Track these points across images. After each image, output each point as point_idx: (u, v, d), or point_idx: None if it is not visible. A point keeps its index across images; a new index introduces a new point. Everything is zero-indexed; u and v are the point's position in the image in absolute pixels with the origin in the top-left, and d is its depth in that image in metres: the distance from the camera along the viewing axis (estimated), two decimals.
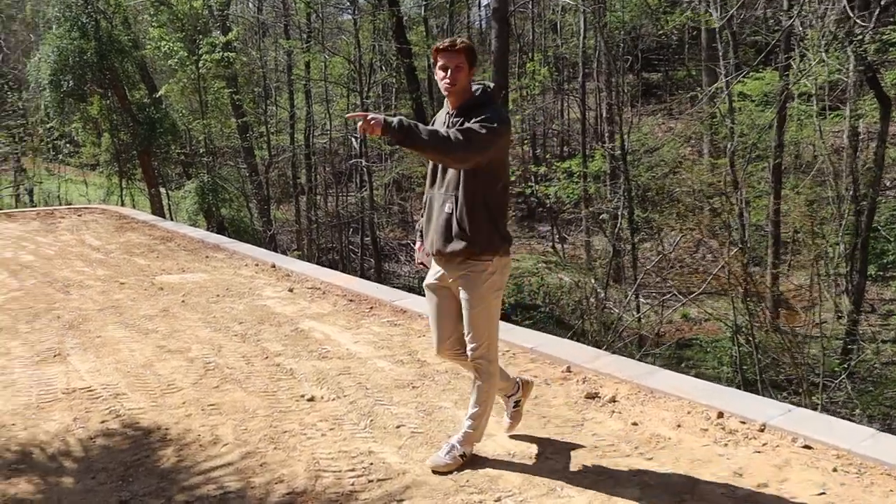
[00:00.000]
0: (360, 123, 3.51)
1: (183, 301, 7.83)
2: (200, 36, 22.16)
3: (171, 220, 16.88)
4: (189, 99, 23.72)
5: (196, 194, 21.69)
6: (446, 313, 4.07)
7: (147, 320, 7.12)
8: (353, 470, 4.08)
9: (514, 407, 4.42)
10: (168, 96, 23.41)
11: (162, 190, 24.23)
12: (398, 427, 4.65)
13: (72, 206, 16.88)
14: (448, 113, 3.93)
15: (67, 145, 24.18)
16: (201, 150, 24.41)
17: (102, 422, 4.79)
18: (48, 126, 23.74)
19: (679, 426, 4.54)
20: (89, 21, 21.96)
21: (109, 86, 22.98)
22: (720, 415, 4.62)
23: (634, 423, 4.59)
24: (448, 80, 3.79)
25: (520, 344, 6.09)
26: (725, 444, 4.28)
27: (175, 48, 21.79)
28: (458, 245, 3.83)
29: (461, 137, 3.61)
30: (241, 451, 4.36)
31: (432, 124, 4.01)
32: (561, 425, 4.62)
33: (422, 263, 4.28)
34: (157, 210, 22.59)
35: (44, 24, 23.55)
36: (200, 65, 21.67)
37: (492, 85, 3.96)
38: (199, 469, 4.16)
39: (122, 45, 22.84)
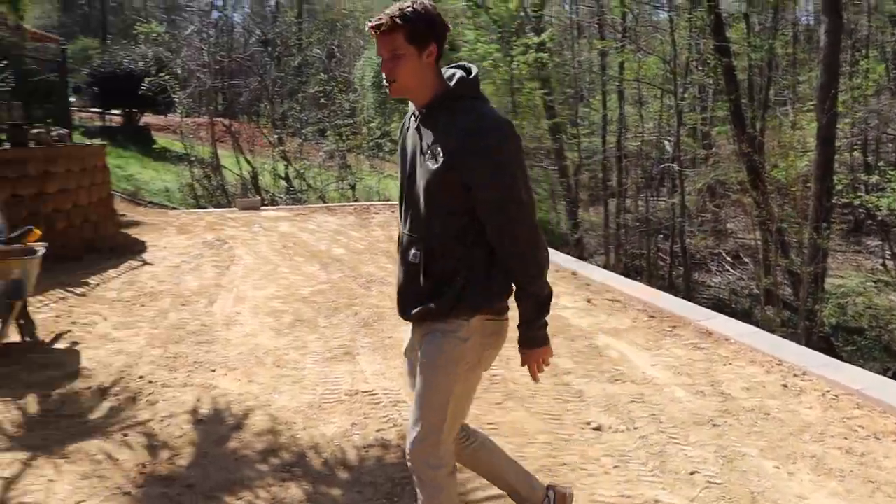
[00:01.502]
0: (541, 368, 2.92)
1: None
2: (514, 37, 22.58)
3: None
4: (502, 99, 24.25)
5: None
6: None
7: None
8: None
9: None
10: None
11: None
12: (692, 474, 4.05)
13: (388, 202, 17.84)
14: (414, 115, 2.88)
15: (388, 143, 25.82)
16: None
17: (379, 430, 4.69)
18: (371, 125, 25.55)
19: None
20: None
21: None
22: None
23: None
24: (387, 76, 2.74)
25: (844, 384, 5.18)
26: None
27: (490, 49, 22.41)
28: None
29: (521, 242, 2.71)
30: None
31: (400, 139, 2.99)
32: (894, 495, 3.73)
33: None
34: None
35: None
36: (513, 66, 22.05)
37: (473, 69, 2.85)
38: (467, 498, 3.85)
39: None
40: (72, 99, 23.45)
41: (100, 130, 26.25)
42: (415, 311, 2.84)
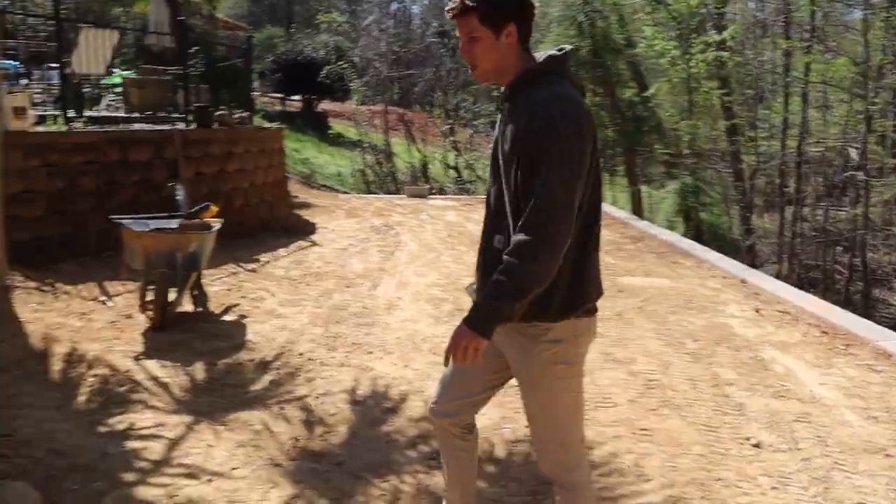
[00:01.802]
0: (456, 355, 2.50)
1: (640, 307, 7.48)
2: (694, 34, 21.86)
3: (647, 220, 16.84)
4: (678, 98, 23.55)
5: (676, 196, 21.42)
6: (470, 368, 2.70)
7: (599, 323, 6.85)
8: None
9: None
10: (656, 95, 23.54)
11: (643, 188, 24.44)
12: None
13: None
14: (501, 98, 2.68)
15: None
16: (686, 151, 24.10)
17: (527, 426, 4.61)
18: None
19: None
20: (586, 20, 23.05)
21: (600, 83, 23.88)
22: None
23: None
24: (468, 60, 2.61)
25: None
26: None
27: (668, 47, 21.80)
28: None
29: (532, 229, 2.39)
30: (664, 492, 3.85)
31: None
32: None
33: None
34: (636, 208, 22.85)
35: (546, 24, 25.27)
36: (692, 64, 21.35)
37: (566, 47, 2.66)
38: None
39: (615, 43, 23.58)
40: (255, 84, 24.62)
41: (280, 115, 27.32)
42: None
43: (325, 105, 32.13)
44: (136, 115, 11.09)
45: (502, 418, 4.72)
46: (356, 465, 4.06)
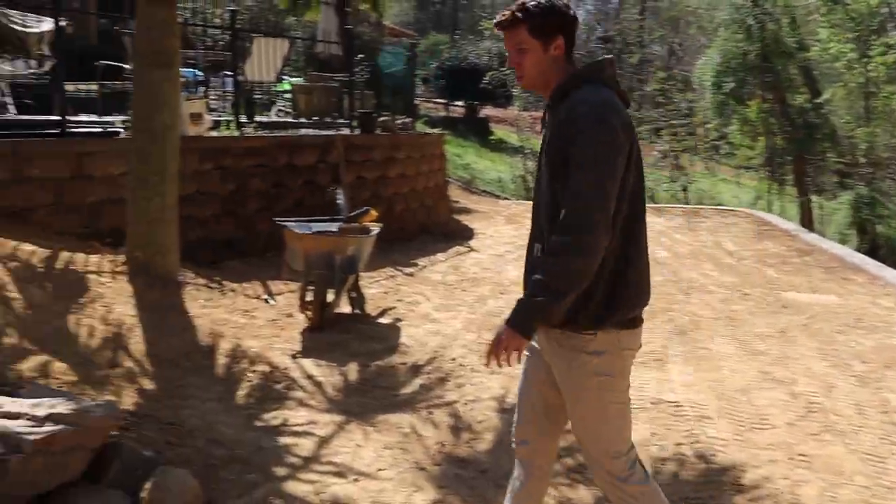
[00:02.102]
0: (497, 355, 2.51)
1: (804, 325, 7.12)
2: (874, 36, 20.61)
3: (817, 232, 16.05)
4: (854, 104, 22.27)
5: (850, 207, 20.29)
6: (532, 386, 2.86)
7: (759, 340, 6.62)
8: None
9: None
10: (831, 101, 22.35)
11: (813, 199, 23.26)
12: None
13: (717, 207, 17.16)
14: (546, 109, 2.75)
15: (725, 146, 24.79)
16: (861, 160, 22.74)
17: (678, 444, 4.49)
18: (708, 127, 24.65)
19: None
20: (755, 23, 22.19)
21: (769, 88, 22.91)
22: None
23: None
24: (516, 71, 2.71)
25: None
26: None
27: (844, 49, 20.67)
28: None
29: (567, 230, 2.43)
30: None
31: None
32: None
33: None
34: (805, 220, 21.77)
35: (713, 28, 24.53)
36: (870, 67, 20.14)
37: (607, 57, 2.74)
38: None
39: (786, 47, 22.58)
40: (419, 90, 25.09)
41: (442, 120, 27.76)
42: None
43: (487, 111, 32.39)
44: (303, 120, 11.54)
45: (652, 434, 4.60)
46: (500, 474, 4.06)
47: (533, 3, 2.64)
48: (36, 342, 4.91)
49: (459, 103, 31.10)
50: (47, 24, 8.33)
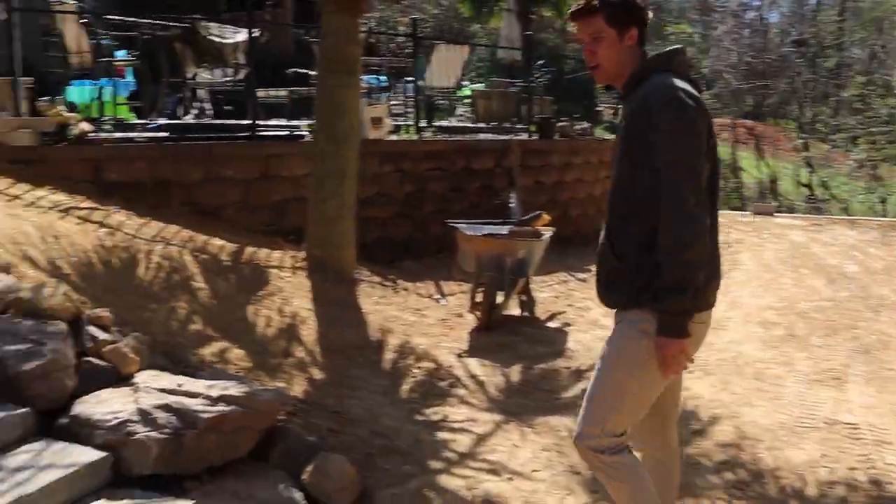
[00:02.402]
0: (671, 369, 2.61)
1: None
2: None
3: None
4: None
5: None
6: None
7: None
8: None
9: None
10: None
11: None
12: None
13: None
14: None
15: None
16: None
17: (851, 468, 4.24)
18: None
19: None
20: None
21: None
22: None
23: None
24: (589, 60, 2.76)
25: None
26: None
27: None
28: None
29: (671, 215, 2.52)
30: None
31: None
32: None
33: None
34: None
35: None
36: None
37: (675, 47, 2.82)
38: None
39: None
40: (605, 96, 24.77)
41: None
42: (602, 295, 2.83)
43: None
44: (482, 125, 11.70)
45: (822, 456, 4.37)
46: None
47: None
48: (218, 330, 5.24)
49: None
50: (242, 35, 8.88)
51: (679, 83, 2.60)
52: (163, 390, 3.71)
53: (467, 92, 13.19)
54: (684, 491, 3.91)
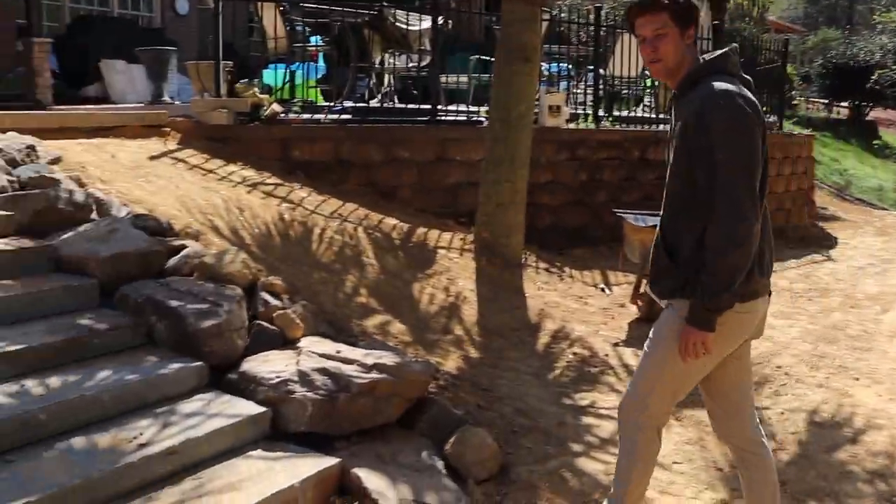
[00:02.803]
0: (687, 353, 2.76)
1: None
2: None
3: None
4: None
5: None
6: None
7: None
8: None
9: None
10: None
11: None
12: None
13: None
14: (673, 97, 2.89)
15: None
16: None
17: None
18: None
19: None
20: None
21: None
22: None
23: None
24: (649, 56, 2.81)
25: None
26: None
27: None
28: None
29: (724, 215, 2.62)
30: None
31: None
32: None
33: None
34: None
35: None
36: None
37: (726, 49, 2.83)
38: None
39: None
40: (800, 89, 23.62)
41: (823, 122, 25.92)
42: (652, 287, 3.01)
43: (876, 113, 29.66)
44: (663, 115, 11.47)
45: None
46: (800, 488, 3.87)
47: None
48: (382, 303, 5.51)
49: (844, 104, 28.81)
50: (427, 23, 9.13)
51: (735, 87, 2.69)
52: (322, 355, 3.98)
53: (650, 81, 12.94)
54: (830, 498, 3.80)
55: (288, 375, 3.73)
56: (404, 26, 9.14)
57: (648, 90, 12.55)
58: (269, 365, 3.87)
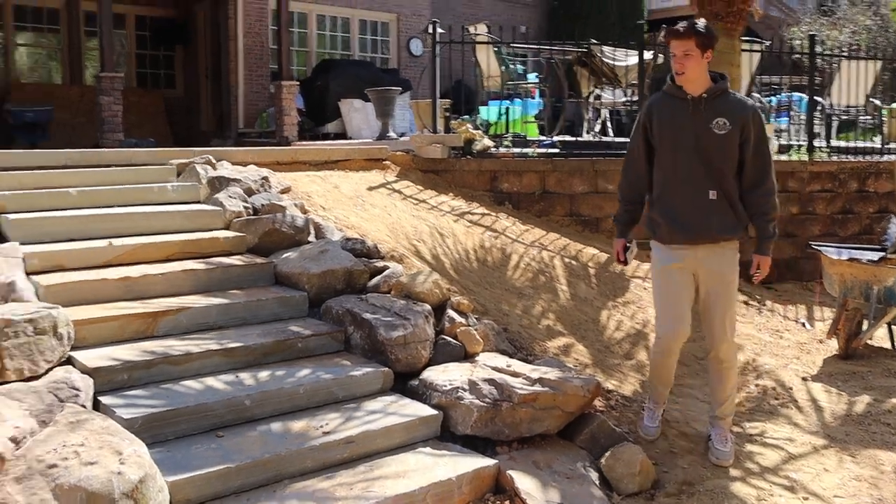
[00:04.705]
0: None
1: None
2: None
3: None
4: None
5: None
6: (687, 296, 4.32)
7: None
8: None
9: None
10: None
11: None
12: None
13: None
14: (690, 99, 4.14)
15: None
16: None
17: None
18: None
19: None
20: None
21: None
22: None
23: None
24: (678, 69, 4.08)
25: None
26: None
27: None
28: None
29: (765, 182, 4.23)
30: None
31: (656, 119, 4.30)
32: None
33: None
34: None
35: None
36: None
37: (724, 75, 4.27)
38: None
39: None
40: None
41: None
42: (720, 233, 4.19)
43: None
44: (893, 145, 10.90)
45: None
46: None
47: (701, 24, 4.07)
48: (568, 327, 5.81)
49: None
50: (634, 59, 9.35)
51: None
52: (494, 368, 4.38)
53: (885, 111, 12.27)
54: None
55: (459, 384, 4.15)
56: (611, 62, 9.41)
57: (871, 119, 11.91)
58: (446, 374, 4.30)
